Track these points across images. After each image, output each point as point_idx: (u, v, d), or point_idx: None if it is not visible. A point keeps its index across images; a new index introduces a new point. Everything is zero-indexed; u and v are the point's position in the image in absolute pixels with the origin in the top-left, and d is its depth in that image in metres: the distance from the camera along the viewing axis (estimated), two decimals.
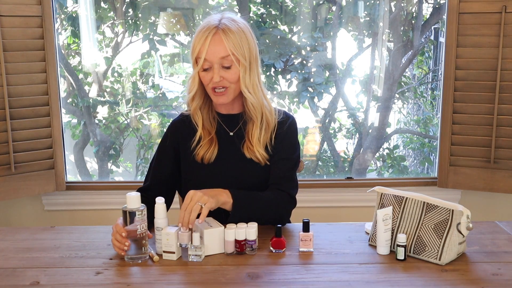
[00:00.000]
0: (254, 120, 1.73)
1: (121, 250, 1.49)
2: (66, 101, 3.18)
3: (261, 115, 1.73)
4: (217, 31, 1.63)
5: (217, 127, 1.77)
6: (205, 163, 1.73)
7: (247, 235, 1.53)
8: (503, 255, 1.53)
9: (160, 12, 3.09)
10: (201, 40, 1.64)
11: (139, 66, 3.30)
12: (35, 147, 2.58)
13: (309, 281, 1.38)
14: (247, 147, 1.74)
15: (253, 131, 1.73)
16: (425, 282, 1.38)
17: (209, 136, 1.74)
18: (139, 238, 1.48)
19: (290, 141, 1.78)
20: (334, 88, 3.23)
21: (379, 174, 3.38)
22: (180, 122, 1.81)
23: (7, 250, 1.59)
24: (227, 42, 1.62)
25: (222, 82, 1.66)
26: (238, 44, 1.64)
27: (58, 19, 3.03)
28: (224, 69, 1.65)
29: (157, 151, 1.84)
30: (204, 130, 1.75)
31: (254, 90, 1.70)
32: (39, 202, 2.82)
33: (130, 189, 2.79)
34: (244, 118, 1.77)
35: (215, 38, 1.63)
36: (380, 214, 1.51)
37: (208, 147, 1.73)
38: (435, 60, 3.57)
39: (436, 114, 3.46)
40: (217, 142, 1.75)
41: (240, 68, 1.65)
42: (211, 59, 1.64)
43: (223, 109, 1.78)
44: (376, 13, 3.14)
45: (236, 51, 1.63)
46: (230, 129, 1.77)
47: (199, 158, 1.74)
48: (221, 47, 1.63)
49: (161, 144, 1.83)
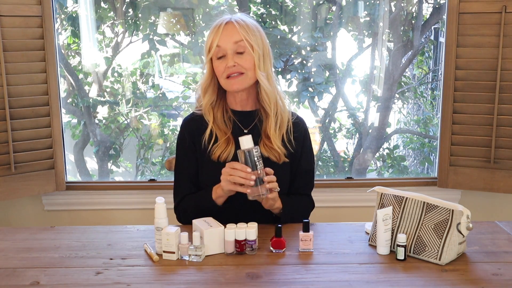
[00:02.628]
0: (269, 112, 1.74)
1: (247, 185, 1.54)
2: (66, 101, 3.18)
3: (275, 107, 1.74)
4: (230, 21, 1.68)
5: (232, 126, 1.77)
6: (221, 161, 1.73)
7: (247, 235, 1.53)
8: (503, 255, 1.53)
9: (160, 12, 3.09)
10: (214, 30, 1.69)
11: (139, 66, 3.30)
12: (35, 147, 2.58)
13: (309, 281, 1.38)
14: (264, 143, 1.74)
15: (270, 125, 1.74)
16: (425, 282, 1.38)
17: (225, 136, 1.74)
18: (260, 175, 1.54)
19: (309, 148, 1.84)
20: (334, 88, 3.23)
21: (379, 174, 3.38)
22: (192, 120, 1.80)
23: (7, 250, 1.59)
24: (240, 28, 1.66)
25: (236, 67, 1.67)
26: (251, 32, 1.68)
27: (58, 19, 3.03)
28: (238, 55, 1.67)
29: (180, 155, 1.81)
30: (219, 130, 1.74)
31: (268, 79, 1.72)
32: (39, 202, 2.81)
33: (130, 189, 2.85)
34: (259, 115, 1.78)
35: (228, 26, 1.67)
36: (380, 214, 1.51)
37: (225, 147, 1.73)
38: (435, 60, 3.57)
39: (436, 114, 3.46)
40: (233, 142, 1.74)
41: (254, 54, 1.67)
42: (224, 45, 1.66)
43: (238, 105, 1.78)
44: (376, 13, 3.14)
45: (249, 37, 1.67)
46: (245, 127, 1.78)
47: (215, 157, 1.73)
48: (234, 33, 1.66)
49: (180, 147, 1.81)
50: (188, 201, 1.77)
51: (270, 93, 1.72)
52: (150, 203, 1.83)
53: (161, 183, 2.84)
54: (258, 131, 1.76)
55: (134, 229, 1.73)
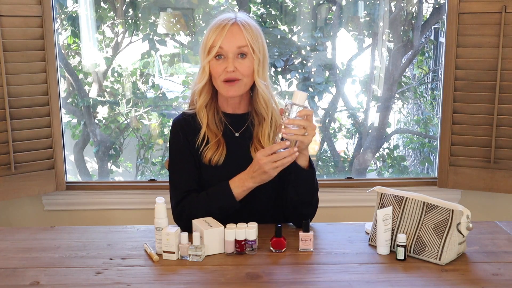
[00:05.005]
0: (265, 117, 1.71)
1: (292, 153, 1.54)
2: (66, 101, 3.18)
3: (271, 113, 1.72)
4: (235, 22, 1.64)
5: (223, 128, 1.74)
6: (212, 165, 1.69)
7: (247, 235, 1.53)
8: (503, 255, 1.53)
9: (160, 12, 3.09)
10: (217, 30, 1.63)
11: (139, 66, 3.30)
12: (35, 147, 2.58)
13: (309, 281, 1.38)
14: (255, 148, 1.70)
15: (263, 130, 1.71)
16: (425, 282, 1.38)
17: (216, 138, 1.70)
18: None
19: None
20: (334, 88, 3.23)
21: (379, 174, 3.38)
22: (184, 120, 1.75)
23: (7, 250, 1.59)
24: (245, 32, 1.63)
25: (235, 73, 1.63)
26: (255, 37, 1.65)
27: (58, 19, 3.03)
28: (238, 60, 1.64)
29: (175, 152, 1.74)
30: (210, 132, 1.70)
31: (266, 85, 1.70)
32: (39, 202, 2.82)
33: (130, 189, 2.84)
34: (250, 118, 1.75)
35: (234, 28, 1.63)
36: (380, 214, 1.51)
37: (216, 150, 1.69)
38: (435, 60, 3.57)
39: (436, 114, 3.46)
40: (224, 144, 1.71)
41: (255, 59, 1.65)
42: (227, 48, 1.62)
43: (229, 108, 1.75)
44: (376, 13, 3.14)
45: (253, 42, 1.64)
46: (236, 130, 1.74)
47: (206, 160, 1.69)
48: (240, 37, 1.63)
49: (174, 145, 1.74)
50: (195, 201, 1.67)
51: (268, 100, 1.70)
52: (150, 203, 1.83)
53: (161, 183, 2.84)
54: (249, 134, 1.73)
55: (134, 229, 1.73)
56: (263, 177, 1.59)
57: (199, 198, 1.66)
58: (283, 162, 1.55)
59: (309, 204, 1.70)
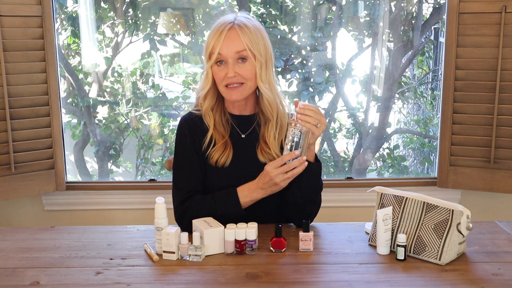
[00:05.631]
0: (270, 119, 1.70)
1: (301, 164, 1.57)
2: (66, 101, 3.18)
3: (277, 114, 1.71)
4: (232, 26, 1.61)
5: (230, 130, 1.72)
6: (218, 166, 1.68)
7: (247, 235, 1.53)
8: (503, 255, 1.53)
9: (160, 12, 3.09)
10: (216, 35, 1.61)
11: (139, 66, 3.30)
12: (35, 147, 2.58)
13: (309, 281, 1.38)
14: (262, 149, 1.70)
15: (269, 131, 1.70)
16: (425, 282, 1.38)
17: (223, 140, 1.69)
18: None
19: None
20: (334, 88, 3.23)
21: (379, 174, 3.38)
22: (191, 120, 1.73)
23: (7, 250, 1.59)
24: (243, 36, 1.60)
25: (236, 78, 1.62)
26: (254, 40, 1.62)
27: (58, 19, 3.03)
28: (239, 64, 1.62)
29: (181, 150, 1.72)
30: (217, 133, 1.69)
31: (270, 87, 1.68)
32: (39, 202, 2.82)
33: (130, 189, 2.84)
34: (257, 119, 1.74)
35: (231, 32, 1.61)
36: (380, 214, 1.51)
37: (223, 151, 1.68)
38: (435, 60, 3.57)
39: (436, 114, 3.46)
40: (231, 146, 1.70)
41: (256, 63, 1.62)
42: (226, 54, 1.60)
43: (235, 109, 1.74)
44: (376, 13, 3.14)
45: (252, 46, 1.61)
46: (242, 131, 1.73)
47: (213, 162, 1.68)
48: (237, 41, 1.60)
49: (181, 143, 1.72)
50: (200, 203, 1.66)
51: (272, 102, 1.69)
52: (150, 203, 1.82)
53: (161, 183, 2.84)
54: (256, 135, 1.73)
55: (134, 229, 1.73)
56: (273, 188, 1.61)
57: (205, 201, 1.66)
58: (293, 173, 1.57)
59: (313, 202, 1.70)
